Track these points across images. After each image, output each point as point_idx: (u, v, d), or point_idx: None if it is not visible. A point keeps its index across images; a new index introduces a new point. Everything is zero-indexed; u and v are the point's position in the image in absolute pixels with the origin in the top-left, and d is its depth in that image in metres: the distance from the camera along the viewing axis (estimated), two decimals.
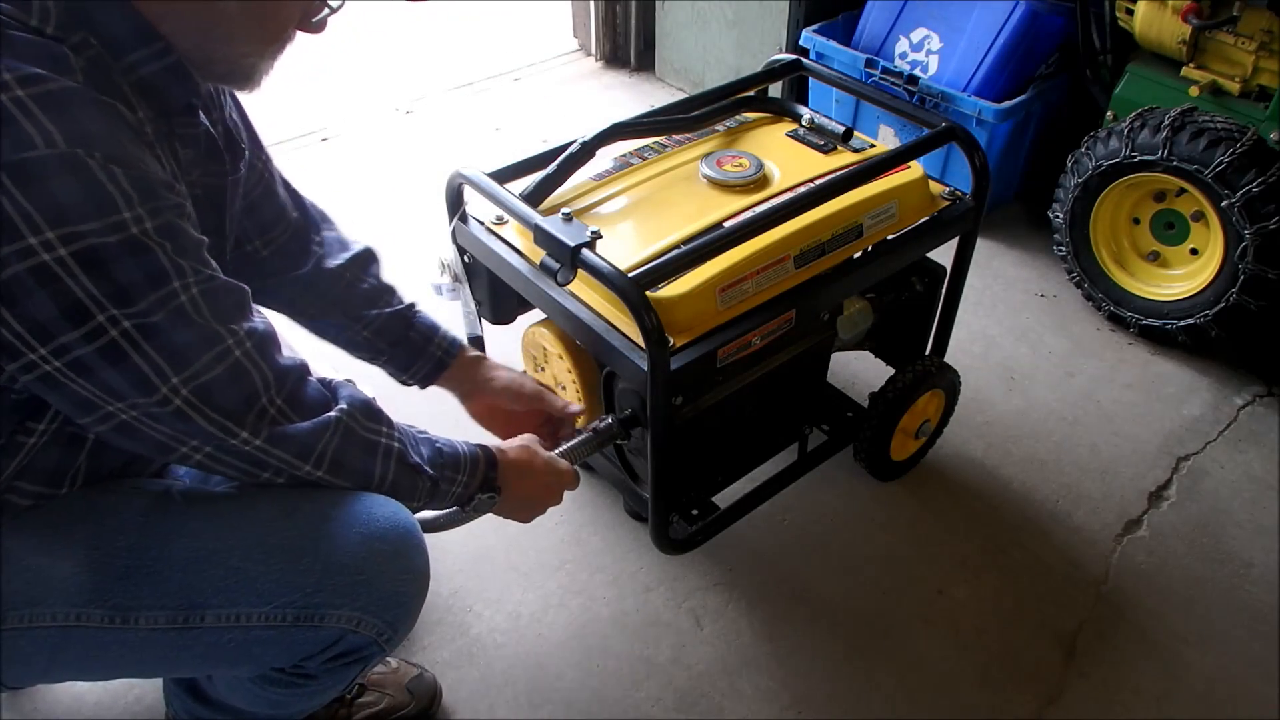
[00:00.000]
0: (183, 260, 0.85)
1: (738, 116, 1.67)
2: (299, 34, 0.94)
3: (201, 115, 0.98)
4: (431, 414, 1.52)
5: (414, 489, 1.06)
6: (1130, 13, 2.09)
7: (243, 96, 1.12)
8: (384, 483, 1.03)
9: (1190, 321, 2.02)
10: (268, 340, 0.94)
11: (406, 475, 1.04)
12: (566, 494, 1.22)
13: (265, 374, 0.92)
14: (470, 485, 1.13)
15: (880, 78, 2.37)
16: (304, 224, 1.33)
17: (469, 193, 1.45)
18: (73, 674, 1.05)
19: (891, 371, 1.71)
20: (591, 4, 3.27)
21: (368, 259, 1.39)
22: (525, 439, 1.24)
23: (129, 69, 0.85)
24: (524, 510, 1.25)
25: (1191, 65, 2.02)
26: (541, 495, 1.25)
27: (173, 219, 0.84)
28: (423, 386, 1.40)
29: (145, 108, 0.86)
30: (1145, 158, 1.94)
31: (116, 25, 0.83)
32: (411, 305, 1.40)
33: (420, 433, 1.10)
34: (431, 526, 1.15)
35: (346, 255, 1.36)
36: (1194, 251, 2.06)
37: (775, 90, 1.78)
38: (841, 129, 1.57)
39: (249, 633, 0.97)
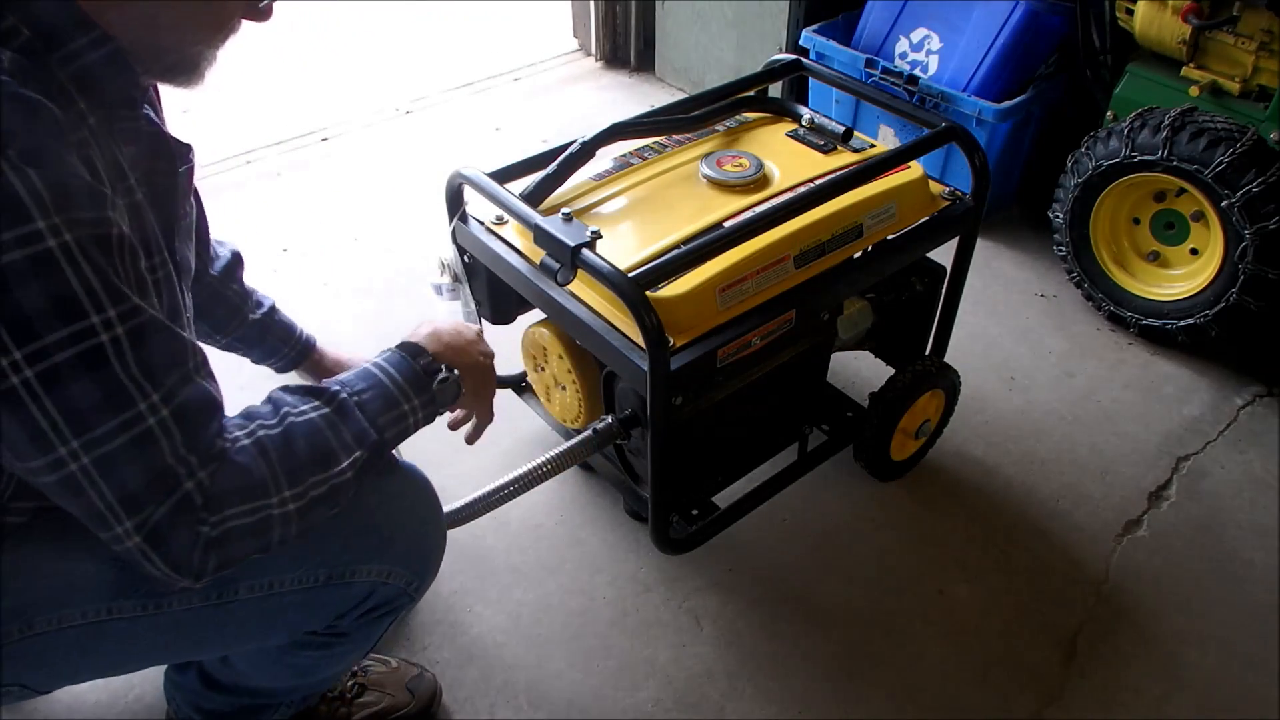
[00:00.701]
0: (110, 285, 0.76)
1: (738, 116, 1.67)
2: (251, 23, 0.91)
3: (147, 109, 0.94)
4: None
5: (345, 486, 0.95)
6: (1130, 13, 2.09)
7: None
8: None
9: (1190, 321, 2.02)
10: (201, 410, 0.84)
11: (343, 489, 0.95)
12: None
13: (180, 450, 0.82)
14: (421, 395, 1.03)
15: (880, 78, 2.37)
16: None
17: (469, 193, 1.45)
18: (105, 669, 1.05)
19: (891, 371, 1.71)
20: (591, 4, 3.27)
21: (236, 264, 1.42)
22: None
23: (67, 59, 0.80)
24: (482, 380, 1.15)
25: (1191, 65, 2.02)
26: (473, 356, 1.13)
27: (99, 232, 0.76)
28: (280, 372, 1.58)
29: (85, 100, 0.82)
30: (1145, 158, 1.94)
31: (52, 14, 0.79)
32: (272, 308, 1.51)
33: (355, 395, 0.98)
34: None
35: (221, 262, 1.41)
36: (1194, 251, 2.06)
37: (775, 90, 1.78)
38: (841, 129, 1.58)
39: (283, 599, 0.98)
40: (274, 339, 1.52)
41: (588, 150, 1.47)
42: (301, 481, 0.89)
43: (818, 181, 1.45)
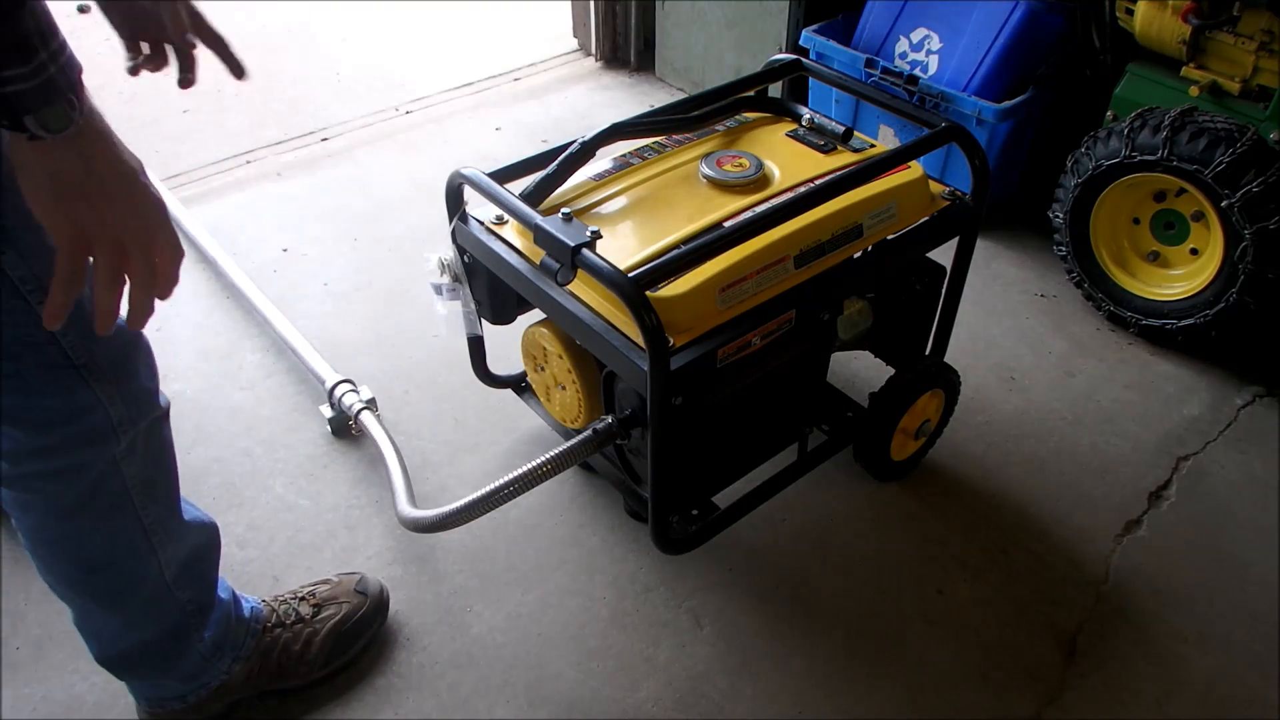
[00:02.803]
0: None
1: (737, 116, 1.67)
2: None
3: None
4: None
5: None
6: (1130, 13, 2.09)
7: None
8: None
9: (1190, 321, 2.02)
10: None
11: None
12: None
13: None
14: (60, 59, 0.77)
15: (880, 78, 2.37)
16: None
17: (469, 193, 1.45)
18: None
19: (891, 371, 1.71)
20: (591, 4, 3.27)
21: None
22: None
23: None
24: (85, 184, 0.81)
25: (1191, 65, 2.02)
26: (116, 184, 0.84)
27: None
28: None
29: None
30: (1145, 158, 1.94)
31: None
32: None
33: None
34: None
35: None
36: (1194, 251, 2.06)
37: (775, 90, 1.78)
38: (841, 129, 1.58)
39: (29, 314, 0.95)
40: None
41: (588, 150, 1.47)
42: None
43: (818, 181, 1.45)
